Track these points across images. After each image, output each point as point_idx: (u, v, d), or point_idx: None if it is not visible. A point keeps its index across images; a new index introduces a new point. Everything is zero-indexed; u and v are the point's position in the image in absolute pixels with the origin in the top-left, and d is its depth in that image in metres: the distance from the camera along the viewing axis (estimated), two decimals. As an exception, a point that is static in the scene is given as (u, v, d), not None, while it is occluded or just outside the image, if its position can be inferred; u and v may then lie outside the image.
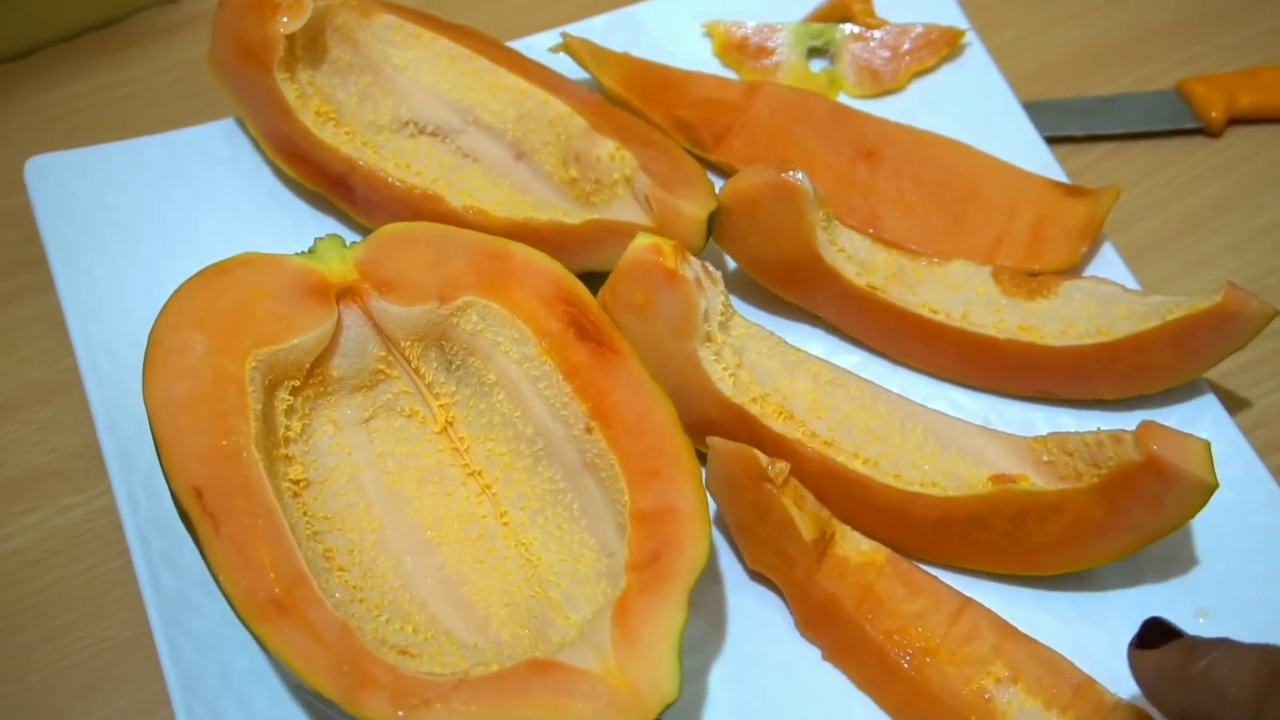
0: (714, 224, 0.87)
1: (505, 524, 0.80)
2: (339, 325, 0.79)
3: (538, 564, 0.78)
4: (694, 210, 0.86)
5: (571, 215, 0.88)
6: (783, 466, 0.77)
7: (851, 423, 0.84)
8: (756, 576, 0.82)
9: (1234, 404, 0.93)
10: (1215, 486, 0.76)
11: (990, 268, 0.90)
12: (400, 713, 0.66)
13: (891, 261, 0.90)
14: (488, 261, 0.80)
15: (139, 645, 0.81)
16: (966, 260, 0.91)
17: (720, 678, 0.79)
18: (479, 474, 0.81)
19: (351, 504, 0.79)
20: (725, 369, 0.83)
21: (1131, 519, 0.78)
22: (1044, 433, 0.85)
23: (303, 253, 0.80)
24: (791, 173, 0.84)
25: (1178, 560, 0.83)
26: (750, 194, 0.86)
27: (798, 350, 0.87)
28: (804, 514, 0.77)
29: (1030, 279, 0.90)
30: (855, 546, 0.79)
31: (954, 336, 0.88)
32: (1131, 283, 0.93)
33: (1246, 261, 1.01)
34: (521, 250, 0.81)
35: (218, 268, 0.78)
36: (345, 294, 0.79)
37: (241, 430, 0.73)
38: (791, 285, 0.90)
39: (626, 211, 0.87)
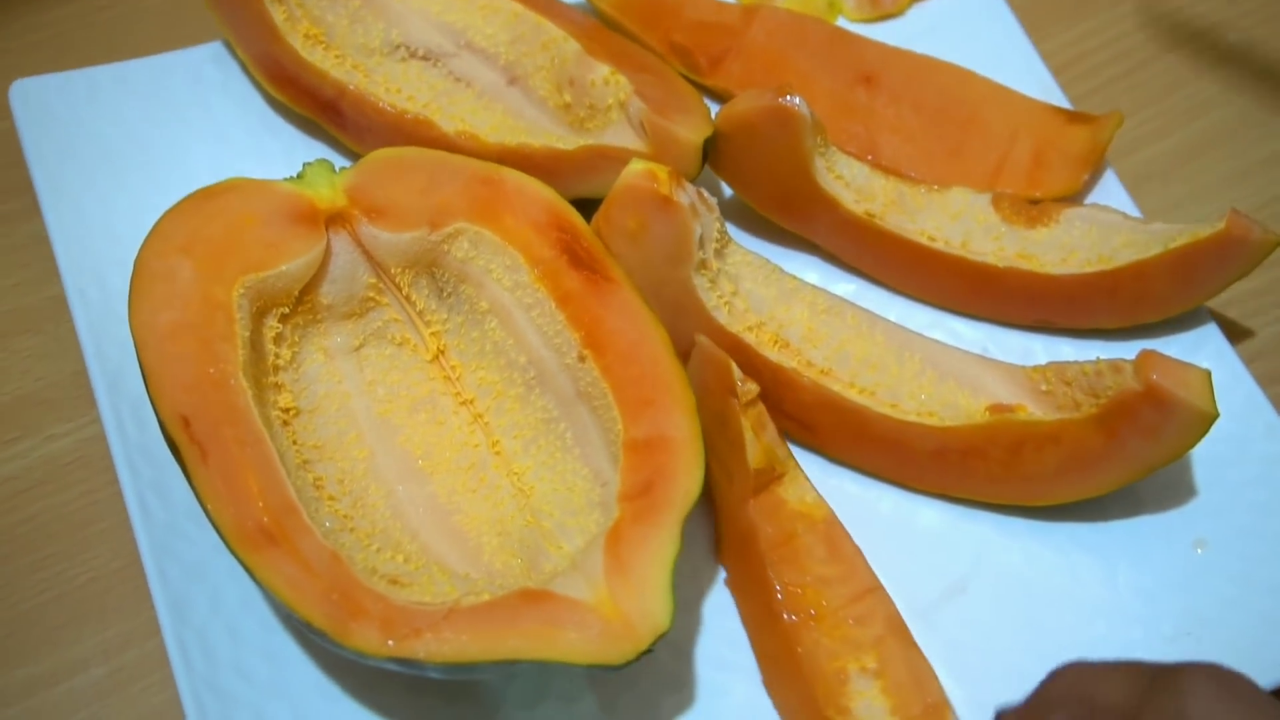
0: (710, 150, 0.85)
1: (497, 453, 0.79)
2: (328, 252, 0.78)
3: (530, 493, 0.77)
4: (689, 136, 0.85)
5: (565, 141, 0.87)
6: (752, 387, 0.77)
7: (848, 351, 0.83)
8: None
9: (1235, 333, 0.92)
10: (1215, 416, 0.76)
11: (990, 195, 0.89)
12: (390, 642, 0.66)
13: (890, 189, 0.88)
14: (480, 187, 0.79)
15: (128, 574, 0.80)
16: (966, 187, 0.90)
17: (714, 608, 0.79)
18: (471, 403, 0.80)
19: (342, 432, 0.78)
20: (720, 297, 0.82)
21: (1130, 449, 0.77)
22: (1043, 362, 0.84)
23: (291, 178, 0.79)
24: (788, 97, 0.83)
25: (1176, 491, 0.83)
26: (747, 119, 0.84)
27: (794, 278, 0.86)
28: (759, 441, 0.77)
29: (1030, 207, 0.89)
30: (800, 495, 0.79)
31: (953, 265, 0.87)
32: (1133, 210, 0.92)
33: (1250, 190, 1.00)
34: (514, 176, 0.79)
35: (205, 193, 0.77)
36: (334, 220, 0.78)
37: (229, 358, 0.72)
38: (788, 213, 0.89)
39: (621, 137, 0.86)
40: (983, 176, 0.93)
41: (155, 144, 0.92)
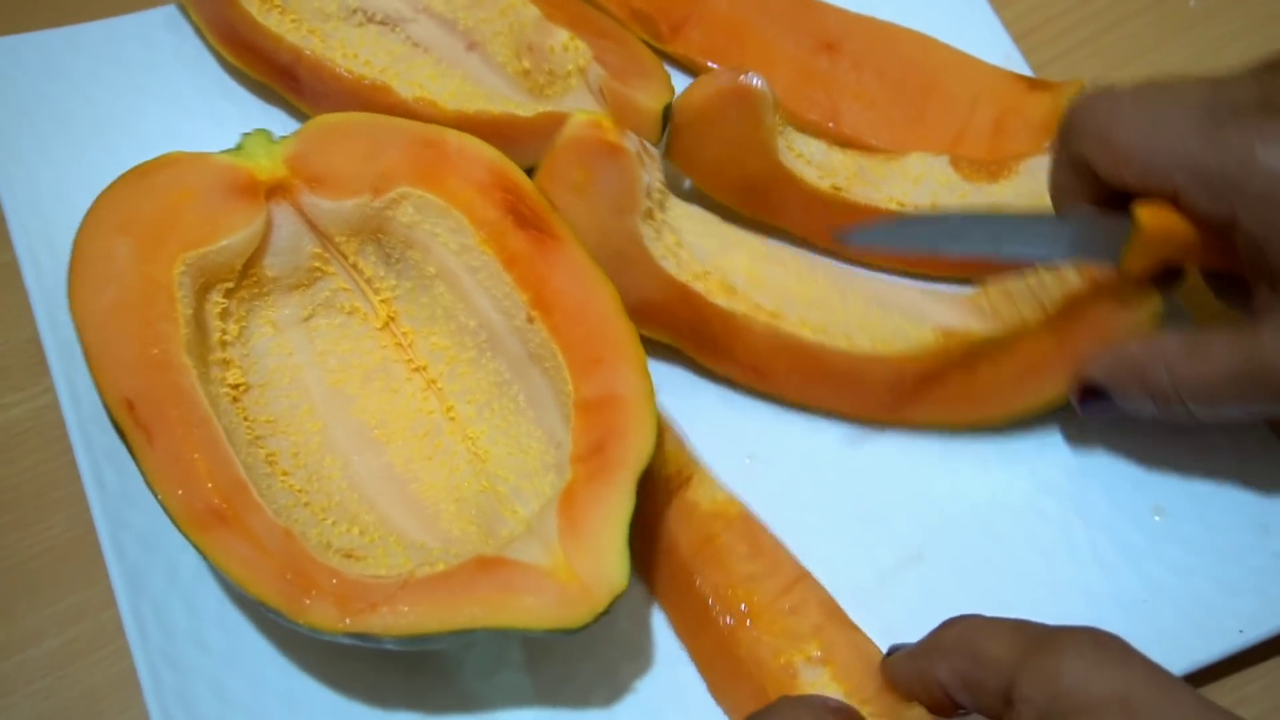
0: (669, 117, 0.85)
1: (452, 419, 0.79)
2: (270, 223, 0.77)
3: (486, 458, 0.77)
4: (649, 103, 0.84)
5: (524, 108, 0.86)
6: None
7: (793, 294, 0.83)
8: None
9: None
10: (1159, 306, 0.77)
11: (948, 156, 0.89)
12: (346, 619, 0.66)
13: (849, 162, 0.88)
14: (422, 150, 0.78)
15: (83, 544, 0.79)
16: (924, 151, 0.89)
17: None
18: (423, 369, 0.80)
19: (294, 405, 0.77)
20: (666, 247, 0.82)
21: (1082, 350, 0.78)
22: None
23: (229, 150, 0.78)
24: (746, 76, 0.82)
25: (1136, 459, 0.83)
26: (705, 105, 0.84)
27: (733, 228, 0.85)
28: (662, 447, 0.76)
29: (990, 162, 0.89)
30: (710, 495, 0.78)
31: None
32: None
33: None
34: (457, 137, 0.78)
35: (141, 170, 0.76)
36: (275, 191, 0.77)
37: (172, 338, 0.71)
38: (751, 197, 0.88)
39: (580, 103, 0.85)
40: (944, 143, 0.92)
41: (108, 109, 0.91)
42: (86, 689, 0.76)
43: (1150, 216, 0.72)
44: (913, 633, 0.67)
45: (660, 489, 0.77)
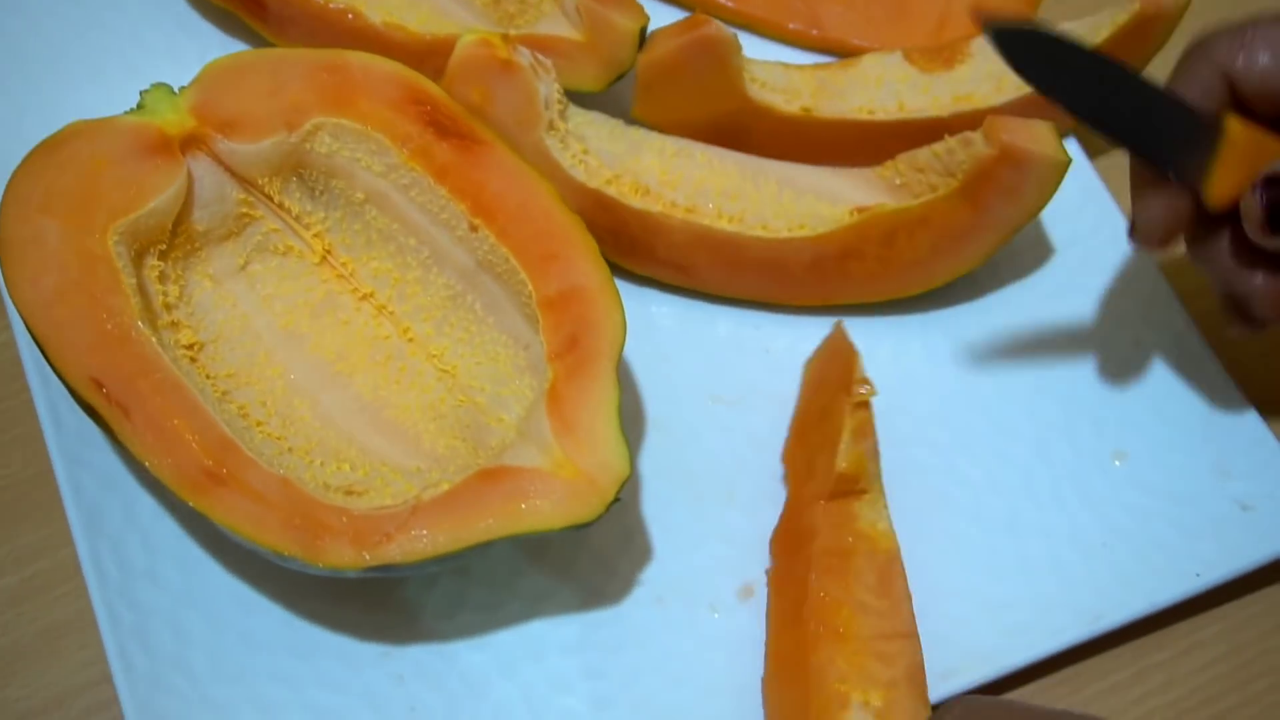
0: (644, 39, 0.84)
1: (410, 339, 0.78)
2: (190, 178, 0.75)
3: (455, 372, 0.77)
4: (626, 22, 0.83)
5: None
6: (868, 390, 0.76)
7: (706, 187, 0.83)
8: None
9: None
10: (1068, 162, 0.79)
11: (900, 52, 0.89)
12: (365, 554, 0.66)
13: (809, 79, 0.88)
14: (327, 77, 0.76)
15: (41, 482, 0.79)
16: (876, 52, 0.89)
17: (657, 445, 0.80)
18: (371, 296, 0.79)
19: (251, 355, 0.76)
20: (574, 156, 0.82)
21: (996, 213, 0.80)
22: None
23: (133, 110, 0.75)
24: (706, 26, 0.82)
25: (1096, 404, 0.84)
26: (670, 60, 0.83)
27: (638, 130, 0.85)
28: (854, 447, 0.75)
29: (940, 49, 0.89)
30: (873, 520, 0.76)
31: (901, 131, 0.87)
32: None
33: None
34: (359, 57, 0.77)
35: (49, 144, 0.73)
36: (188, 143, 0.75)
37: (123, 309, 0.69)
38: (723, 136, 0.87)
39: (553, 28, 0.84)
40: (926, 33, 0.93)
41: (64, 45, 0.89)
42: (44, 626, 0.76)
43: (1241, 130, 0.70)
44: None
45: (832, 482, 0.75)
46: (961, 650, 0.75)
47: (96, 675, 0.75)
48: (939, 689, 0.73)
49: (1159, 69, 0.89)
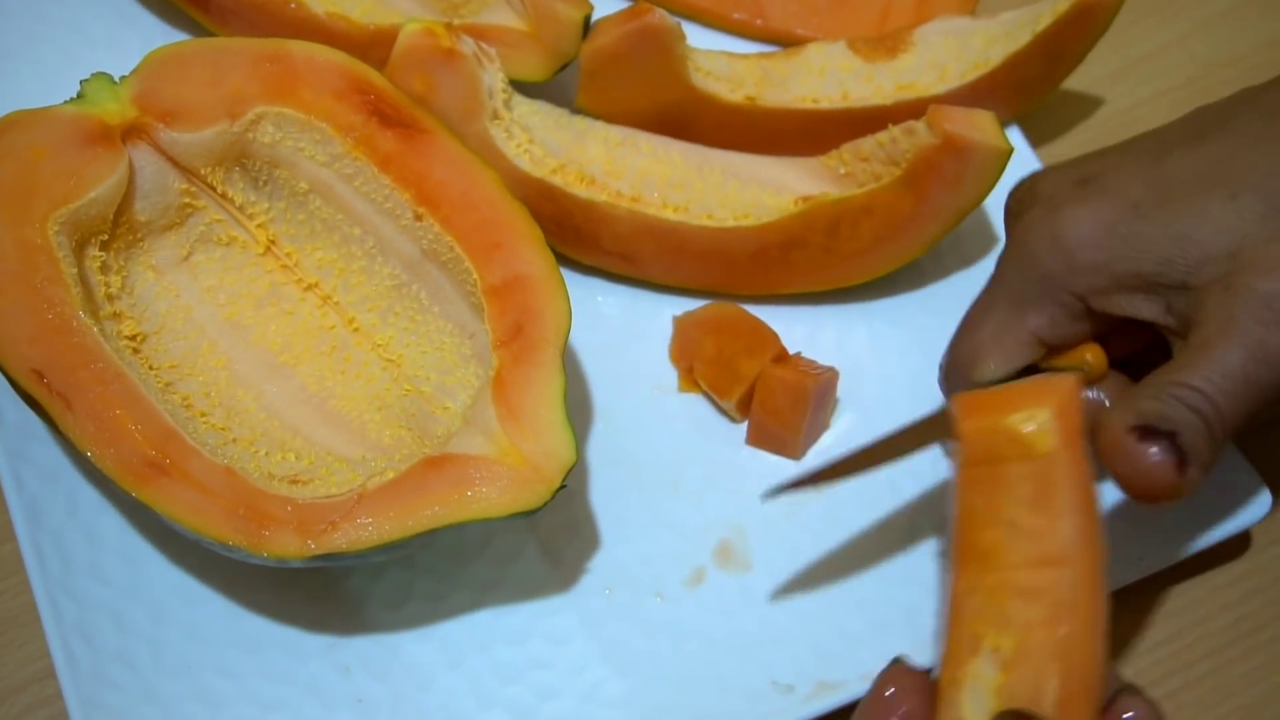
0: (589, 28, 0.84)
1: (355, 329, 0.78)
2: (132, 168, 0.74)
3: (400, 362, 0.77)
4: (570, 11, 0.83)
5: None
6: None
7: (651, 177, 0.84)
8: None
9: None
10: (1010, 151, 0.79)
11: (844, 41, 0.89)
12: (310, 543, 0.66)
13: (753, 68, 0.88)
14: (269, 66, 0.76)
15: (-18, 477, 0.78)
16: (819, 41, 0.90)
17: (603, 435, 0.81)
18: (315, 286, 0.79)
19: (194, 346, 0.76)
20: (519, 145, 0.82)
21: (939, 202, 0.80)
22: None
23: (72, 100, 0.75)
24: (649, 15, 0.82)
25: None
26: (614, 48, 0.83)
27: (583, 119, 0.85)
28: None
29: (884, 38, 0.90)
30: (1032, 416, 0.61)
31: (844, 119, 0.87)
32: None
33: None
34: (302, 47, 0.76)
35: None
36: (130, 133, 0.74)
37: (64, 299, 0.69)
38: (668, 125, 0.87)
39: (496, 17, 0.85)
40: (871, 20, 0.94)
41: (7, 36, 0.89)
42: (-12, 622, 0.75)
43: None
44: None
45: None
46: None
47: (40, 671, 0.74)
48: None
49: (1100, 57, 0.91)
